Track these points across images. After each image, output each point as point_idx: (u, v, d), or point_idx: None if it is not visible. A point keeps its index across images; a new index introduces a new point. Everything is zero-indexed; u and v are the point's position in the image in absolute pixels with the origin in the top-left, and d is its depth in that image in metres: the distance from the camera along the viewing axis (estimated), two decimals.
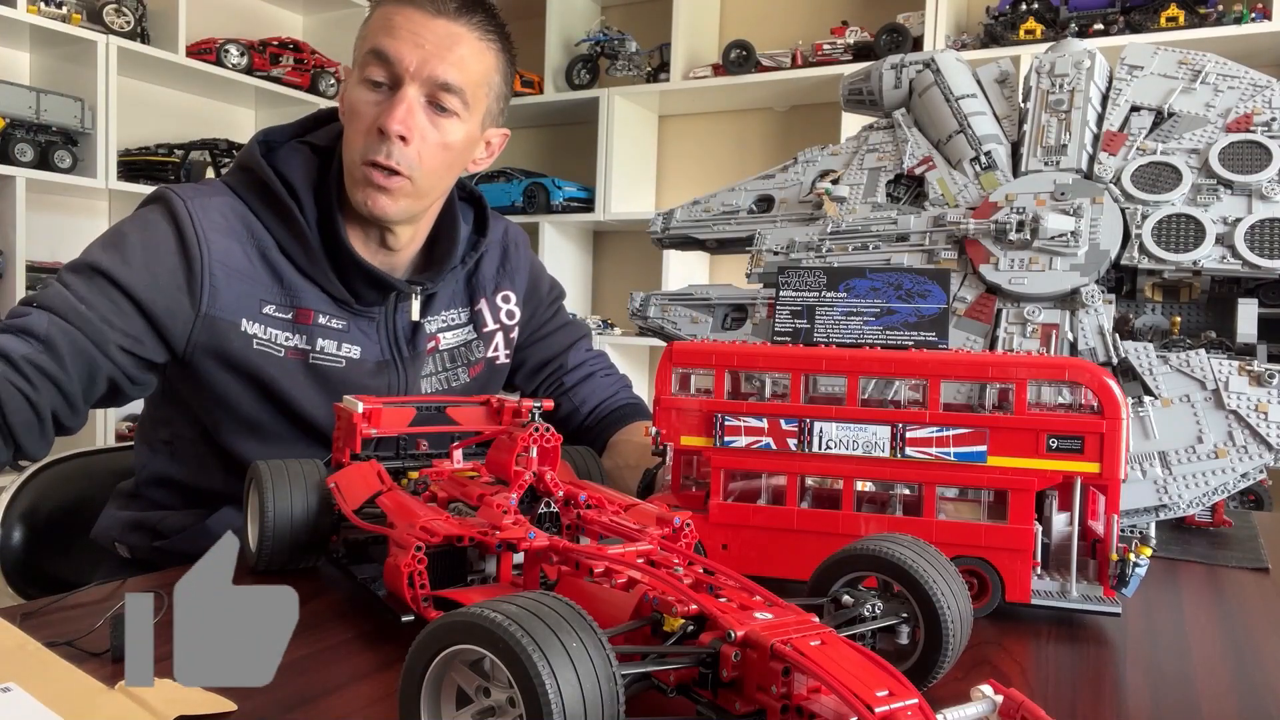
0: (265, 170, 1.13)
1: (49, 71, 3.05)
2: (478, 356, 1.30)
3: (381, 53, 1.07)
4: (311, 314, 1.14)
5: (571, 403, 1.37)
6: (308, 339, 1.14)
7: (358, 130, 1.09)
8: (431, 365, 1.26)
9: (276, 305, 1.12)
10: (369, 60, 1.08)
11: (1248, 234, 1.07)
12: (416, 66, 1.07)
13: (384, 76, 1.08)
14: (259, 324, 1.11)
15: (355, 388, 1.15)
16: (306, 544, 0.82)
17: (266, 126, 1.22)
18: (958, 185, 1.25)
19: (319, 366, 1.14)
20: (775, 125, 3.67)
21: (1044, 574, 0.80)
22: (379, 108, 1.08)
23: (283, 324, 1.13)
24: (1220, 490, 1.00)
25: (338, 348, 1.15)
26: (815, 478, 0.86)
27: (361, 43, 1.11)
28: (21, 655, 0.61)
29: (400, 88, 1.07)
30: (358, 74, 1.10)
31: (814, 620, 0.50)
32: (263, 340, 1.11)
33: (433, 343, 1.25)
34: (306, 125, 1.23)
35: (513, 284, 1.35)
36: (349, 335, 1.16)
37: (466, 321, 1.29)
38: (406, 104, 1.07)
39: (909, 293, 0.94)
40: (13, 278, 2.78)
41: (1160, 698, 0.67)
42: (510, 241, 1.37)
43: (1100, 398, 0.76)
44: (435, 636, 0.45)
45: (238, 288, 1.09)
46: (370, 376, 1.18)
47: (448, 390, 1.28)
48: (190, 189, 1.12)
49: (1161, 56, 1.25)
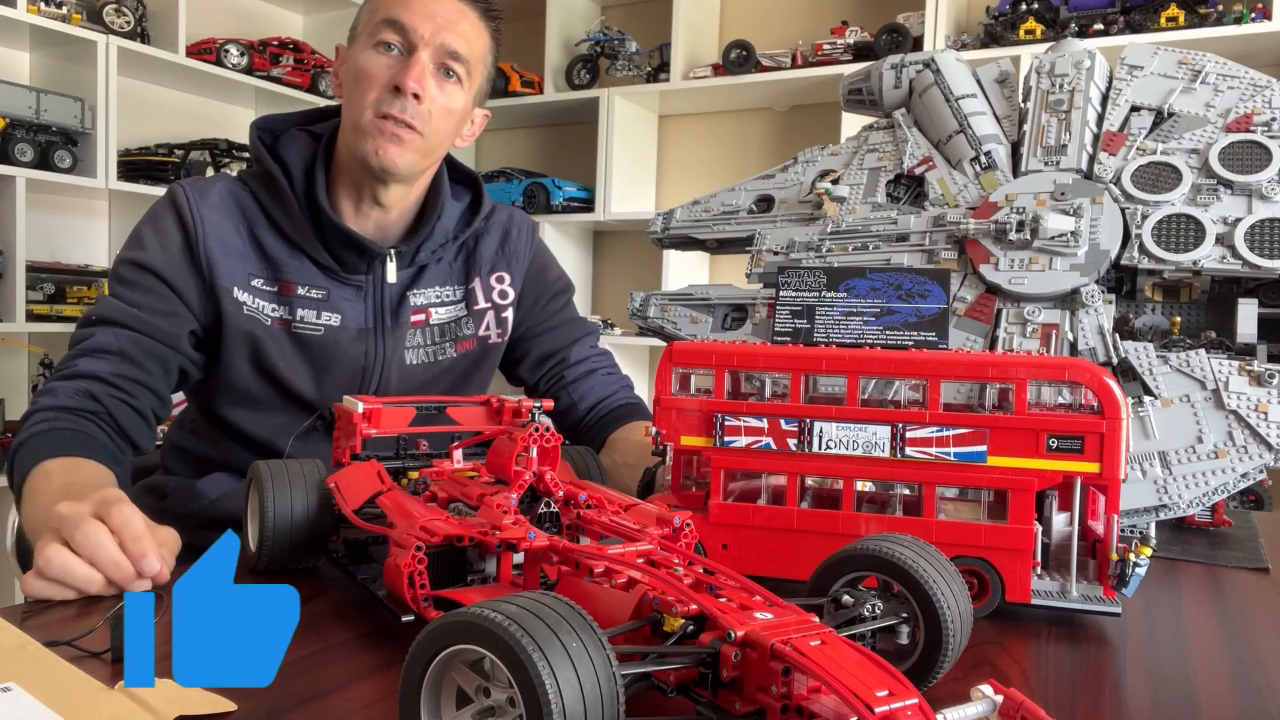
0: (265, 155, 1.23)
1: (49, 71, 3.05)
2: (467, 333, 1.34)
3: (396, 21, 1.16)
4: (292, 286, 1.23)
5: (570, 398, 1.39)
6: (289, 309, 1.22)
7: (368, 89, 1.16)
8: (420, 338, 1.31)
9: (264, 280, 1.22)
10: (381, 28, 1.16)
11: (1248, 234, 1.07)
12: (430, 34, 1.16)
13: (397, 42, 1.17)
14: (248, 294, 1.20)
15: (335, 354, 1.24)
16: (306, 544, 0.82)
17: (263, 115, 1.30)
18: (958, 185, 1.25)
19: (300, 335, 1.23)
20: (775, 125, 3.67)
21: (1044, 574, 0.80)
22: (391, 70, 1.16)
23: (269, 295, 1.22)
24: (1220, 490, 1.00)
25: (317, 316, 1.23)
26: (815, 478, 0.86)
27: (369, 15, 1.19)
28: (21, 655, 0.61)
29: (414, 52, 1.16)
30: (366, 41, 1.18)
31: (814, 620, 0.50)
32: (251, 309, 1.20)
33: (422, 315, 1.30)
34: (310, 117, 1.31)
35: (509, 267, 1.38)
36: (329, 304, 1.24)
37: (460, 299, 1.34)
38: (420, 65, 1.16)
39: (909, 293, 0.94)
40: (13, 278, 2.78)
41: (1160, 698, 0.67)
42: (514, 226, 1.41)
43: (1100, 398, 0.76)
44: (435, 636, 0.45)
45: (231, 260, 1.19)
46: (351, 343, 1.25)
47: (434, 363, 1.32)
48: (193, 180, 1.24)
49: (1161, 56, 1.25)
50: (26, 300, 2.83)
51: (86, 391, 1.10)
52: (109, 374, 1.11)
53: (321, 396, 1.25)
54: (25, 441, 1.05)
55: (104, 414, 1.10)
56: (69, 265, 3.08)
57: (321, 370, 1.24)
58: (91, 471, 1.00)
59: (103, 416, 1.10)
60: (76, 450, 1.02)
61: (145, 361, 1.14)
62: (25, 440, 1.05)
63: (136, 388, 1.13)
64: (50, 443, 1.03)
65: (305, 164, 1.24)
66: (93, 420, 1.09)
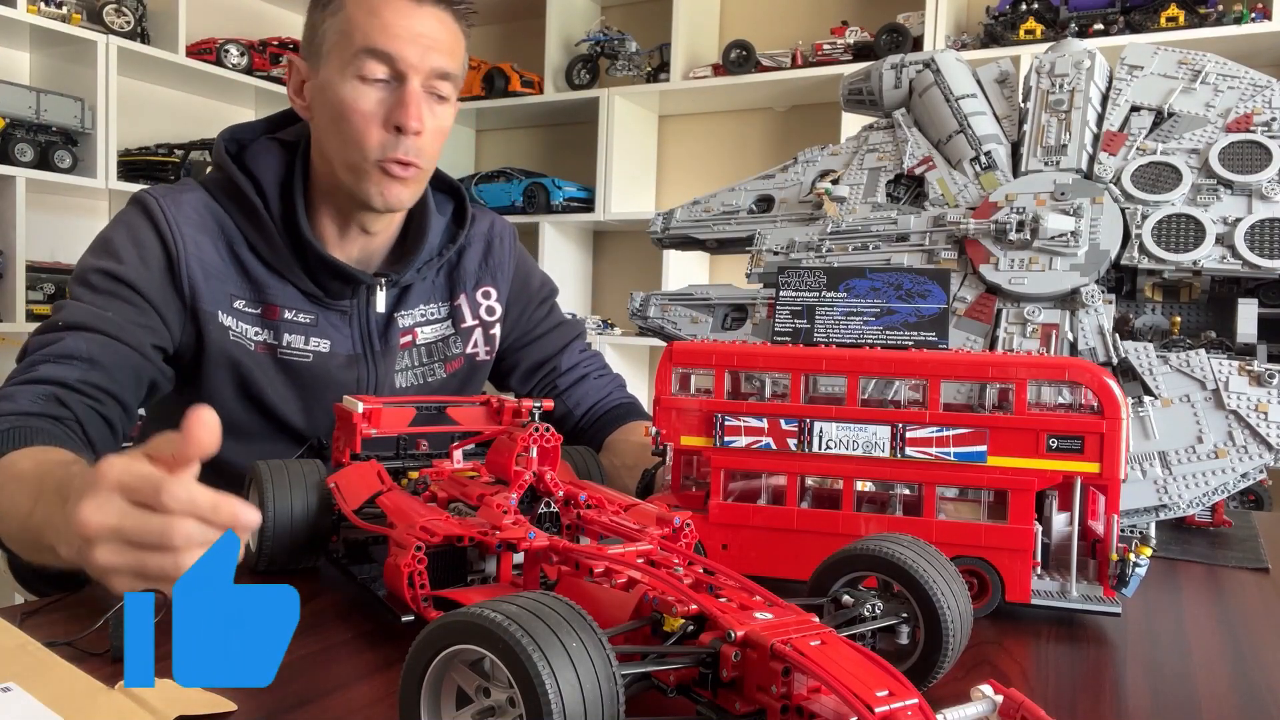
0: (232, 168, 1.15)
1: (49, 71, 3.05)
2: (455, 352, 1.30)
3: (381, 51, 1.07)
4: (278, 309, 1.16)
5: (565, 405, 1.36)
6: (274, 334, 1.16)
7: (364, 129, 1.09)
8: (407, 360, 1.26)
9: (246, 301, 1.15)
10: (364, 59, 1.08)
11: (1248, 234, 1.07)
12: (419, 59, 1.09)
13: (384, 73, 1.09)
14: (232, 317, 1.14)
15: (325, 382, 1.18)
16: (306, 544, 0.82)
17: (231, 125, 1.22)
18: (958, 185, 1.25)
19: (287, 361, 1.17)
20: (775, 125, 3.67)
21: (1044, 574, 0.80)
22: (385, 106, 1.09)
23: (252, 319, 1.15)
24: (1220, 490, 1.00)
25: (305, 342, 1.17)
26: (815, 478, 0.86)
27: (340, 37, 1.09)
28: (21, 655, 0.61)
29: (404, 82, 1.09)
30: (344, 68, 1.09)
31: (814, 620, 0.50)
32: (236, 333, 1.14)
33: (409, 337, 1.25)
34: (275, 122, 1.24)
35: (495, 280, 1.34)
36: (317, 329, 1.18)
37: (445, 316, 1.29)
38: (416, 98, 1.09)
39: (909, 293, 0.94)
40: (13, 278, 2.78)
41: (1160, 698, 0.67)
42: (495, 236, 1.35)
43: (1100, 398, 0.76)
44: (435, 636, 0.45)
45: (213, 282, 1.12)
46: (341, 370, 1.19)
47: (424, 385, 1.28)
48: (163, 189, 1.15)
49: (1161, 56, 1.25)
50: (26, 300, 2.83)
51: (52, 396, 0.99)
52: (76, 380, 1.01)
53: (310, 425, 1.18)
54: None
55: (72, 419, 0.99)
56: (69, 265, 3.08)
57: (311, 398, 1.18)
58: (60, 455, 0.87)
59: (70, 423, 0.99)
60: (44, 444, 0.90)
61: (116, 370, 1.04)
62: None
63: (105, 397, 1.03)
64: (13, 439, 0.90)
65: (279, 180, 1.16)
66: (59, 425, 0.98)
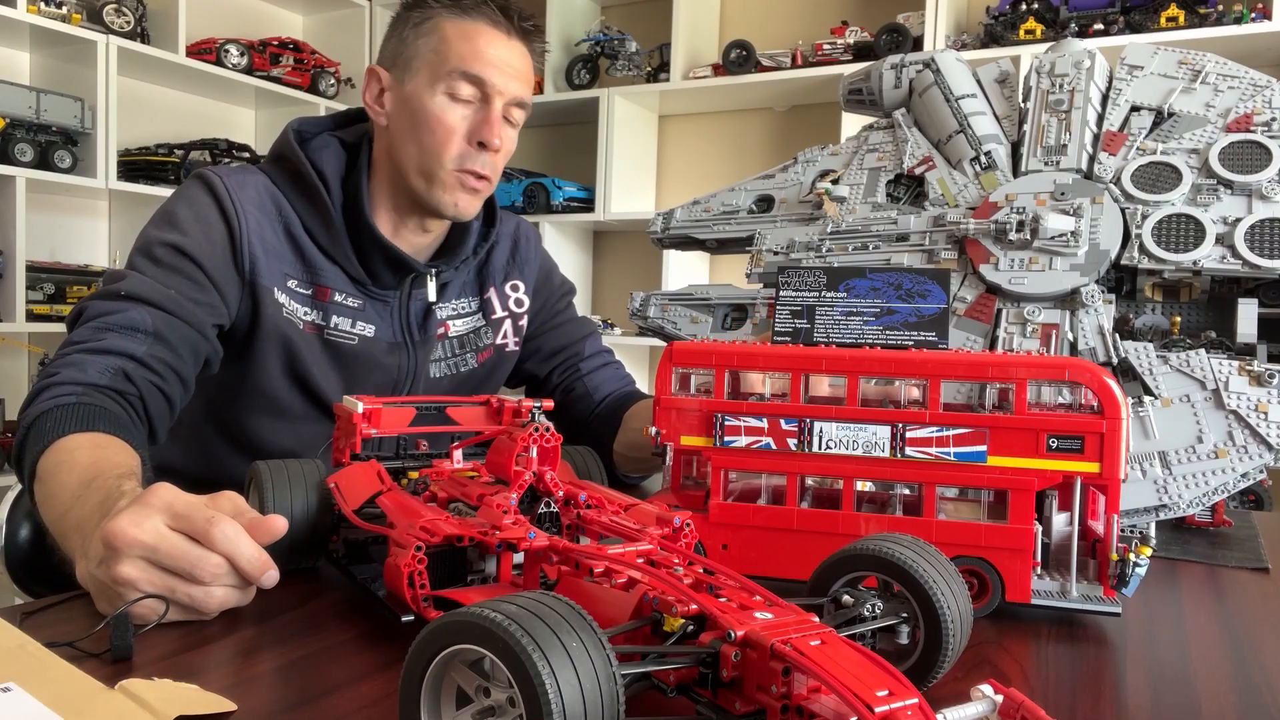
0: (299, 155, 1.21)
1: (49, 71, 3.05)
2: (486, 343, 1.38)
3: (473, 75, 1.18)
4: (329, 291, 1.22)
5: (586, 387, 1.42)
6: (323, 315, 1.21)
7: (446, 140, 1.19)
8: (442, 350, 1.33)
9: (299, 281, 1.20)
10: (458, 79, 1.18)
11: (1248, 234, 1.07)
12: (503, 85, 1.20)
13: (471, 94, 1.19)
14: (285, 295, 1.19)
15: (368, 365, 1.23)
16: (306, 544, 0.82)
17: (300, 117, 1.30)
18: (958, 185, 1.25)
19: (333, 342, 1.22)
20: (775, 125, 3.67)
21: (1044, 574, 0.80)
22: (469, 121, 1.19)
23: (303, 299, 1.20)
24: (1220, 490, 1.00)
25: (352, 325, 1.23)
26: (815, 478, 0.86)
27: (436, 57, 1.19)
28: (21, 655, 0.61)
29: (489, 104, 1.20)
30: (435, 84, 1.18)
31: (814, 620, 0.50)
32: (289, 310, 1.19)
33: (442, 329, 1.32)
34: (338, 121, 1.32)
35: (522, 274, 1.42)
36: (364, 314, 1.24)
37: (476, 309, 1.37)
38: (498, 117, 1.20)
39: (909, 293, 0.94)
40: (13, 278, 2.78)
41: (1160, 698, 0.67)
42: (521, 235, 1.44)
43: (1100, 398, 0.76)
44: (435, 636, 0.45)
45: (271, 259, 1.18)
46: (384, 355, 1.25)
47: (456, 375, 1.34)
48: (225, 169, 1.21)
49: (1161, 56, 1.25)
50: (26, 300, 2.83)
51: (120, 371, 1.01)
52: (144, 354, 1.03)
53: None
54: (47, 412, 0.93)
55: (135, 396, 1.02)
56: (69, 265, 3.08)
57: (353, 380, 1.23)
58: (120, 456, 0.88)
59: (134, 399, 1.01)
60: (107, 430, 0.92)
61: (180, 347, 1.07)
62: (47, 410, 0.93)
63: (169, 373, 1.06)
64: (78, 418, 0.92)
65: (341, 173, 1.23)
66: (123, 401, 1.00)
